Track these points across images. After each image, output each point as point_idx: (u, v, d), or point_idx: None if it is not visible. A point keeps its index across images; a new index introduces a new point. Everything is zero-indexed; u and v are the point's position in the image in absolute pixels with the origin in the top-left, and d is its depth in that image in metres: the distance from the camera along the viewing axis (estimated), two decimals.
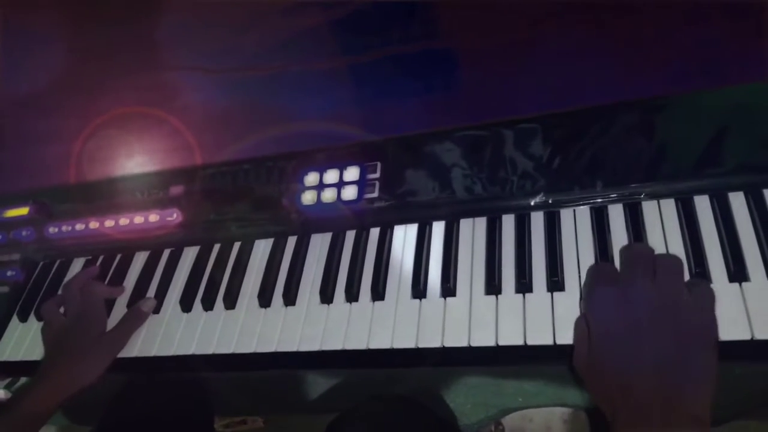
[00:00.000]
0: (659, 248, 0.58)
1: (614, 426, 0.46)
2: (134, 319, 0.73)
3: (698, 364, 0.46)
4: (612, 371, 0.48)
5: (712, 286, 0.54)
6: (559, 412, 1.09)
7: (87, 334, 0.71)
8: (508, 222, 0.66)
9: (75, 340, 0.71)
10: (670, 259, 0.53)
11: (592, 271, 0.57)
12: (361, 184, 0.72)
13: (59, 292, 0.80)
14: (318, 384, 0.80)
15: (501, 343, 0.58)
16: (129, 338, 0.72)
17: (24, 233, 0.87)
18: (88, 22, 1.03)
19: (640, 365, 0.46)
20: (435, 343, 0.60)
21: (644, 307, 0.49)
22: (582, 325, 0.53)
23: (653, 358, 0.46)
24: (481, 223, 0.67)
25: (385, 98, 0.80)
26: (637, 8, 0.70)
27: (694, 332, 0.47)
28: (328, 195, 0.72)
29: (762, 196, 0.58)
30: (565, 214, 0.64)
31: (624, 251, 0.57)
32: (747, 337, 0.51)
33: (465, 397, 0.74)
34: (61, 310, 0.76)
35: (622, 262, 0.56)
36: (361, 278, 0.68)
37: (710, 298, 0.50)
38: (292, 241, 0.75)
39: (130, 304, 0.76)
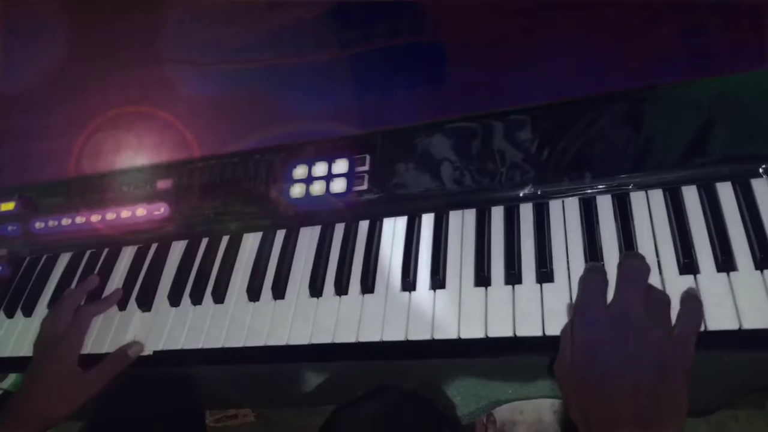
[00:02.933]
0: (648, 239, 0.58)
1: None
2: (118, 362, 0.70)
3: (673, 393, 0.48)
4: (591, 388, 0.49)
5: (699, 276, 0.55)
6: (549, 404, 1.09)
7: (60, 368, 0.69)
8: (497, 214, 0.66)
9: (47, 374, 0.69)
10: (660, 292, 0.53)
11: (584, 284, 0.56)
12: (350, 176, 0.71)
13: (55, 306, 0.76)
14: (309, 377, 0.80)
15: (490, 334, 0.58)
16: (107, 381, 0.69)
17: (10, 228, 0.86)
18: (75, 17, 1.02)
19: (619, 388, 0.48)
20: (425, 336, 0.60)
21: (633, 337, 0.49)
22: (568, 333, 0.53)
23: (633, 382, 0.48)
24: (471, 215, 0.67)
25: (373, 91, 0.79)
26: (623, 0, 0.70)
27: (674, 363, 0.48)
28: (317, 188, 0.72)
29: (749, 186, 0.58)
30: (554, 206, 0.64)
31: (621, 266, 0.55)
32: (735, 326, 0.51)
33: (456, 389, 0.74)
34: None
35: (618, 277, 0.55)
36: (350, 271, 0.68)
37: (697, 325, 0.51)
38: (280, 235, 0.74)
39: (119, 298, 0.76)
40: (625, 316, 0.51)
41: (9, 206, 0.87)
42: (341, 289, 0.67)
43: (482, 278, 0.61)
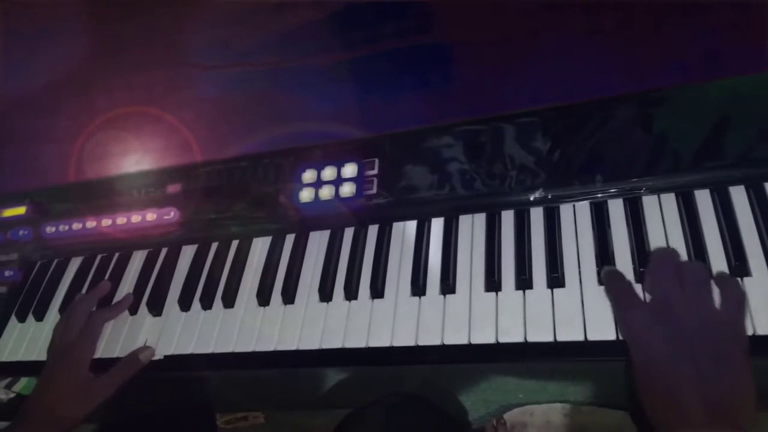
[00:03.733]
0: (660, 244, 0.58)
1: None
2: (129, 367, 0.70)
3: (736, 375, 0.46)
4: (656, 388, 0.48)
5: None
6: (559, 407, 1.09)
7: (73, 374, 0.69)
8: (508, 218, 0.65)
9: (60, 380, 0.69)
10: (696, 267, 0.52)
11: (612, 292, 0.55)
12: (359, 180, 0.71)
13: (66, 312, 0.76)
14: (319, 381, 0.79)
15: (501, 340, 0.58)
16: (119, 386, 0.70)
17: (21, 233, 0.87)
18: (83, 20, 1.02)
19: (682, 383, 0.47)
20: (435, 341, 0.60)
21: (682, 328, 0.49)
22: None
23: (693, 374, 0.46)
24: (481, 219, 0.66)
25: (382, 94, 0.79)
26: (636, 0, 0.69)
27: (727, 344, 0.47)
28: (326, 192, 0.72)
29: (763, 189, 0.57)
30: (565, 210, 0.63)
31: (651, 259, 0.55)
32: (749, 332, 0.51)
33: (466, 393, 0.74)
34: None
35: (648, 271, 0.55)
36: (360, 276, 0.68)
37: (740, 299, 0.50)
38: (290, 239, 0.74)
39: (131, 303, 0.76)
40: (666, 309, 0.50)
41: (20, 211, 0.88)
42: (351, 293, 0.66)
43: (493, 283, 0.61)
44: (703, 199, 0.59)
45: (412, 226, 0.69)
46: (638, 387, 0.50)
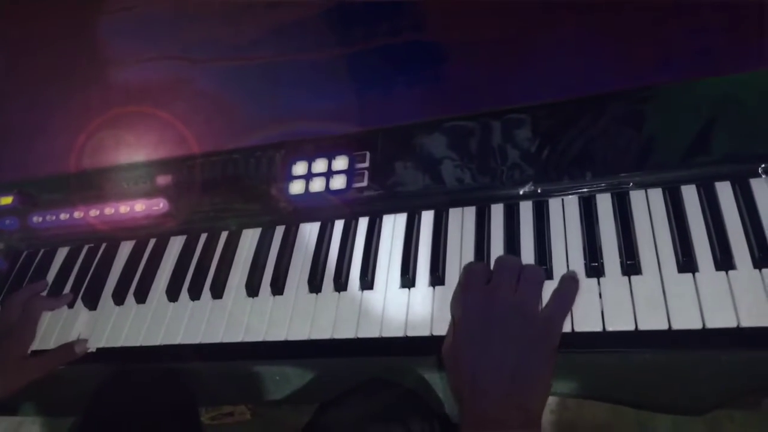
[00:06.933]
0: (647, 238, 0.59)
1: (461, 412, 0.53)
2: (63, 354, 0.73)
3: (538, 370, 0.52)
4: (464, 365, 0.53)
5: (698, 274, 0.55)
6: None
7: (9, 352, 0.73)
8: (497, 211, 0.66)
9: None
10: (534, 269, 0.58)
11: (466, 270, 0.60)
12: (350, 173, 0.71)
13: (5, 302, 0.79)
14: (306, 374, 0.79)
15: None
16: (50, 369, 0.73)
17: (7, 222, 0.86)
18: (72, 12, 1.02)
19: (486, 363, 0.52)
20: (423, 332, 0.60)
21: (500, 314, 0.54)
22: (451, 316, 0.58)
23: (499, 358, 0.52)
24: (470, 212, 0.67)
25: (374, 88, 0.79)
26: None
27: (539, 340, 0.53)
28: (317, 184, 0.72)
29: (748, 185, 0.58)
30: (554, 204, 0.64)
31: (497, 260, 0.60)
32: (733, 324, 0.51)
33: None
34: None
35: (493, 269, 0.59)
36: (350, 267, 0.68)
37: (562, 308, 0.56)
38: (280, 231, 0.74)
39: (116, 293, 0.76)
40: (494, 295, 0.55)
41: (7, 200, 0.87)
42: (340, 285, 0.67)
43: None
44: (690, 194, 0.60)
45: (402, 218, 0.70)
46: (450, 361, 0.55)
